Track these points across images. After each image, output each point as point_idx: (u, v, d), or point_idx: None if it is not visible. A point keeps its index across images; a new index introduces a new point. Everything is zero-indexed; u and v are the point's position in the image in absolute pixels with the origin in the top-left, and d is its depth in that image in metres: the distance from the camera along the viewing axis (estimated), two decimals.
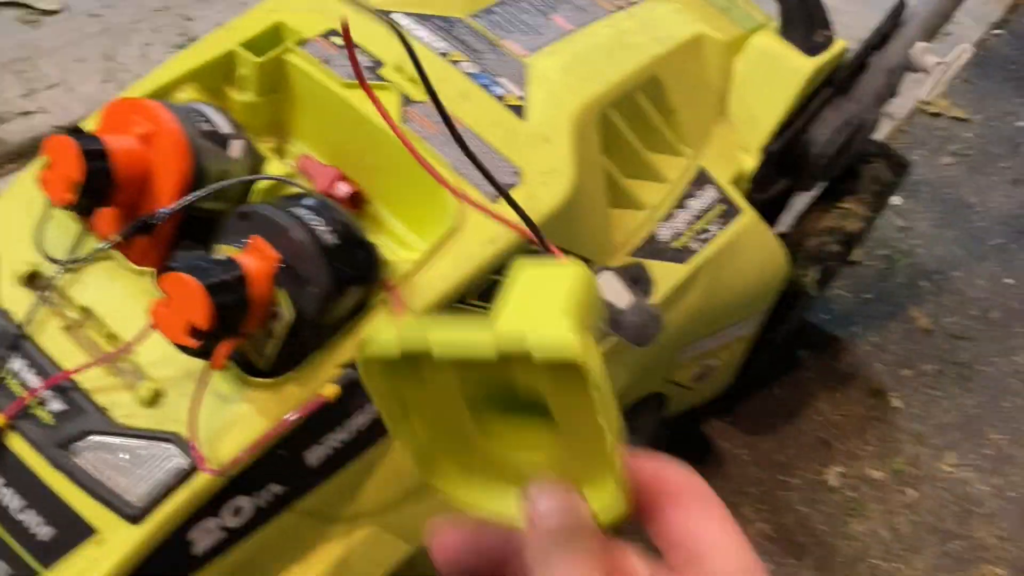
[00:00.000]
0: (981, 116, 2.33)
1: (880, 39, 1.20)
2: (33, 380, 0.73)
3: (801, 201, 1.43)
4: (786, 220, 1.44)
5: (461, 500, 0.32)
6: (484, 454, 0.32)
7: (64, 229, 0.79)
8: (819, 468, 1.49)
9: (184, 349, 0.65)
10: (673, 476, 0.31)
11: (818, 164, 1.17)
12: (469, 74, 0.92)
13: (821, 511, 1.43)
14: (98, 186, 0.73)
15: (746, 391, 1.54)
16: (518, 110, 0.90)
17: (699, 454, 1.46)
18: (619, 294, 0.88)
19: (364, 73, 0.87)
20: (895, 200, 2.00)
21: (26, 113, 1.66)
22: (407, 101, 0.86)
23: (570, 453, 0.30)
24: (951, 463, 1.54)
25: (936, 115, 2.29)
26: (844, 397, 1.60)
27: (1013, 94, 2.41)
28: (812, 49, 1.12)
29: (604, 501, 0.29)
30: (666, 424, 1.31)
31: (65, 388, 0.72)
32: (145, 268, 0.77)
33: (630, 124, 0.99)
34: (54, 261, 0.77)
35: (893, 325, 1.74)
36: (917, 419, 1.59)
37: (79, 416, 0.71)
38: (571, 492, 0.30)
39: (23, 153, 1.59)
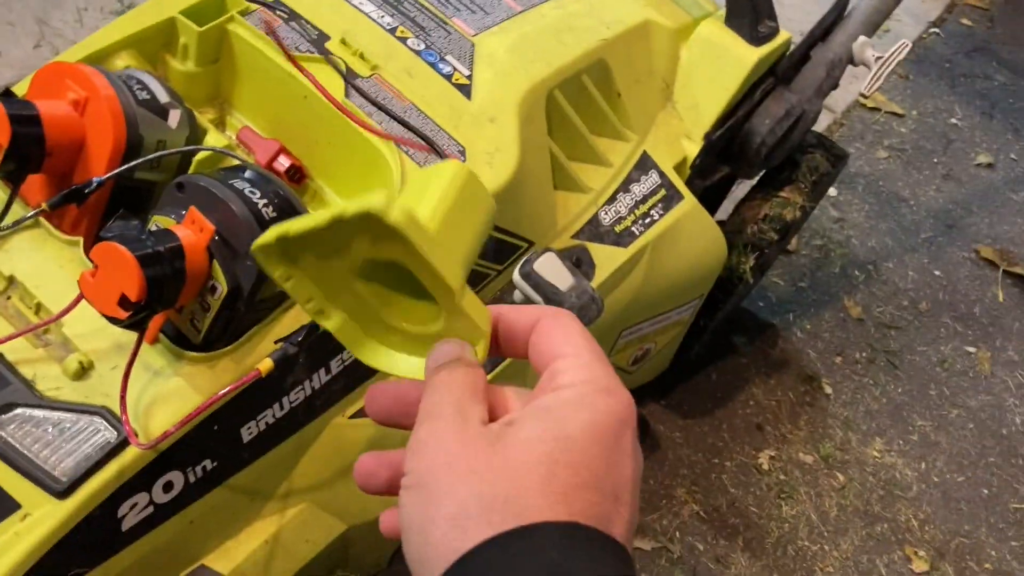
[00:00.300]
0: (916, 112, 2.38)
1: (823, 32, 1.22)
2: None
3: (742, 190, 1.45)
4: (726, 208, 1.46)
5: (384, 368, 0.40)
6: (401, 334, 0.40)
7: None
8: (752, 451, 1.52)
9: (114, 321, 0.64)
10: (530, 311, 0.36)
11: (759, 153, 1.18)
12: (416, 51, 0.91)
13: (753, 493, 1.46)
14: (27, 152, 0.71)
15: (682, 375, 1.56)
16: (465, 89, 0.90)
17: None
18: (560, 276, 0.88)
19: (309, 47, 0.86)
20: (831, 192, 2.04)
21: None
22: (352, 76, 0.85)
23: (453, 319, 0.37)
24: (878, 448, 1.58)
25: (873, 110, 2.34)
26: (777, 383, 1.63)
27: (948, 92, 2.48)
28: (757, 39, 1.13)
29: (480, 344, 0.37)
30: None
31: None
32: (75, 238, 0.75)
33: (576, 107, 1.00)
34: None
35: (826, 313, 1.78)
36: (847, 405, 1.64)
37: (4, 388, 0.68)
38: (458, 341, 0.37)
39: None
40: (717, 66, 1.13)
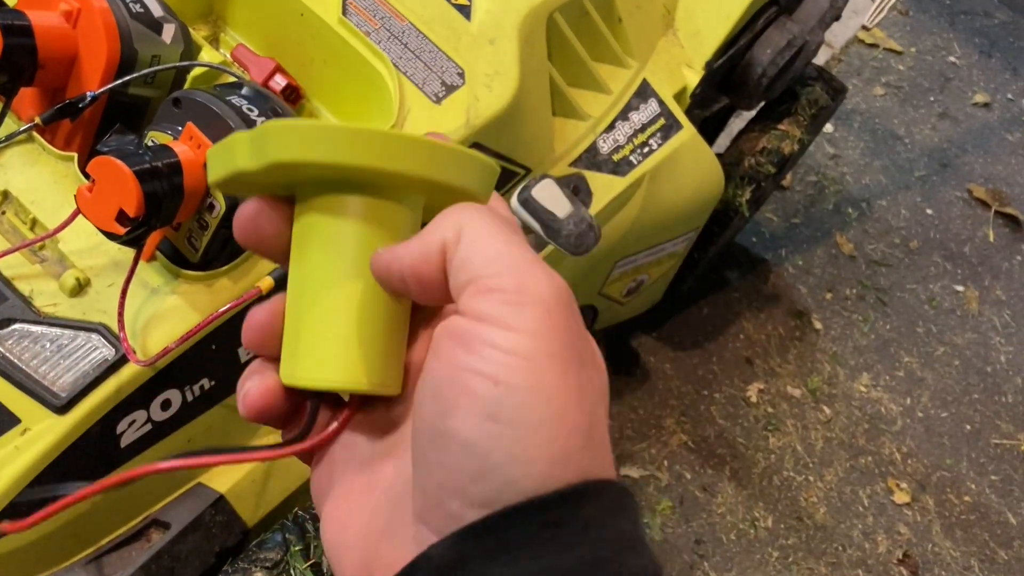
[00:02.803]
0: (915, 49, 2.36)
1: None
2: None
3: (738, 124, 1.44)
4: (722, 143, 1.45)
5: None
6: None
7: None
8: (741, 384, 1.54)
9: (112, 237, 0.63)
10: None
11: (760, 84, 1.17)
12: None
13: (740, 425, 1.48)
14: (19, 64, 0.69)
15: (675, 308, 1.57)
16: (464, 9, 0.88)
17: (626, 368, 1.50)
18: (559, 202, 0.88)
19: None
20: (827, 128, 2.03)
21: None
22: None
23: None
24: (865, 383, 1.60)
25: (871, 46, 2.32)
26: (768, 317, 1.65)
27: (947, 29, 2.45)
28: None
29: None
30: (595, 338, 1.33)
31: None
32: (69, 153, 0.73)
33: (576, 31, 0.98)
34: None
35: (818, 249, 1.79)
36: (836, 340, 1.65)
37: (1, 304, 0.68)
38: None
39: None
40: None
